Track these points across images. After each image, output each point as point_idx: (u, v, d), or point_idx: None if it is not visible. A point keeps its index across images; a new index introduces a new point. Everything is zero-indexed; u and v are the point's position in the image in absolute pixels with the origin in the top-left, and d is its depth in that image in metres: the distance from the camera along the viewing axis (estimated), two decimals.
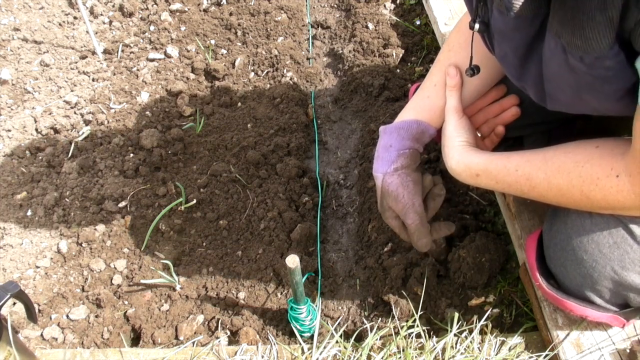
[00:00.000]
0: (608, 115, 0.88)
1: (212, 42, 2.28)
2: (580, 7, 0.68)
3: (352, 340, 1.25)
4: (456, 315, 1.23)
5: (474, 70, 1.09)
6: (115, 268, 1.50)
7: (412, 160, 1.17)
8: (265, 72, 2.15)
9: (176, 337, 1.33)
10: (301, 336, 1.27)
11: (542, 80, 0.88)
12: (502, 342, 1.19)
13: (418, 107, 1.18)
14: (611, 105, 0.81)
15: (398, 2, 2.38)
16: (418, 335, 1.21)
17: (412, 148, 1.17)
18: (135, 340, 1.37)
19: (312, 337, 1.25)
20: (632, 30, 0.66)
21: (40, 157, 1.84)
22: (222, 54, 2.23)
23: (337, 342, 1.22)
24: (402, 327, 1.23)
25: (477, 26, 0.89)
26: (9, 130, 1.93)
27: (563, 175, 0.92)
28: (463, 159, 1.08)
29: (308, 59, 2.24)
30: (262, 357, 1.24)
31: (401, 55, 2.11)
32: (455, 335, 1.19)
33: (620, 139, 0.90)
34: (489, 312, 1.25)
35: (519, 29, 0.82)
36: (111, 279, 1.48)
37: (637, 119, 0.77)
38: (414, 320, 1.22)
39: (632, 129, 0.78)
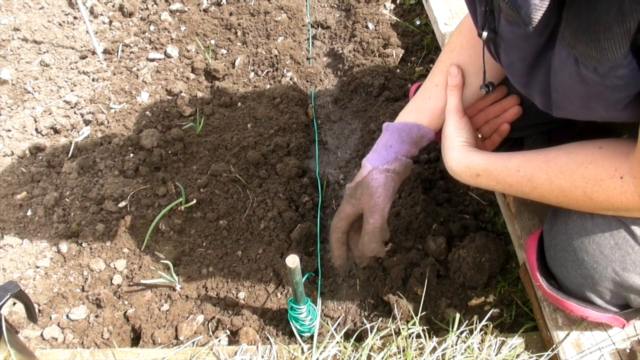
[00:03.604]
0: None
1: (212, 42, 2.28)
2: (597, 19, 0.67)
3: (352, 340, 1.25)
4: (457, 315, 1.23)
5: (489, 87, 1.09)
6: (115, 268, 1.50)
7: (404, 170, 1.17)
8: (265, 72, 2.15)
9: (176, 337, 1.33)
10: (301, 336, 1.27)
11: (549, 89, 0.88)
12: (502, 342, 1.19)
13: (419, 109, 1.18)
14: (618, 113, 0.80)
15: (398, 2, 2.38)
16: (418, 336, 1.21)
17: (409, 155, 1.17)
18: (135, 340, 1.37)
19: (312, 337, 1.25)
20: None
21: (40, 157, 1.84)
22: (222, 54, 2.23)
23: (337, 342, 1.22)
24: (402, 328, 1.23)
25: (485, 34, 0.89)
26: (9, 130, 1.93)
27: (566, 176, 0.91)
28: (463, 159, 1.08)
29: (308, 59, 2.24)
30: (262, 357, 1.24)
31: (401, 55, 2.11)
32: (455, 335, 1.19)
33: (623, 139, 0.90)
34: (489, 312, 1.25)
35: (528, 38, 0.81)
36: (111, 279, 1.48)
37: None
38: (414, 322, 1.22)
39: (639, 130, 0.78)
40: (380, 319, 1.33)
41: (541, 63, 0.85)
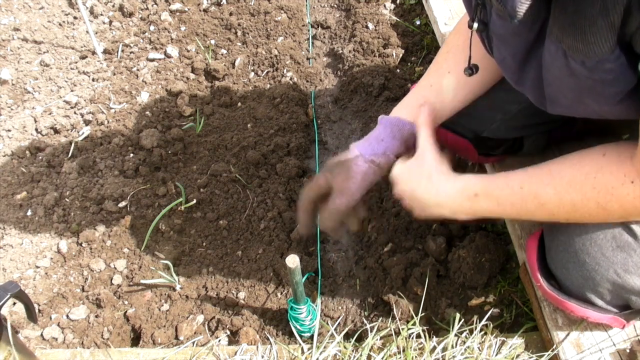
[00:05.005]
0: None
1: (212, 42, 2.28)
2: (582, 13, 0.67)
3: (352, 340, 1.25)
4: (457, 315, 1.23)
5: (472, 69, 1.09)
6: (115, 268, 1.50)
7: (387, 167, 1.16)
8: (265, 72, 2.15)
9: (176, 337, 1.33)
10: (301, 336, 1.27)
11: (541, 85, 0.88)
12: (502, 342, 1.19)
13: (414, 106, 1.18)
14: (611, 108, 0.80)
15: (398, 2, 2.38)
16: (418, 336, 1.21)
17: (396, 152, 1.15)
18: (135, 340, 1.37)
19: (312, 337, 1.25)
20: (633, 34, 0.66)
21: (40, 157, 1.84)
22: (222, 54, 2.23)
23: (337, 342, 1.22)
24: (402, 328, 1.23)
25: (475, 25, 0.89)
26: (9, 130, 1.93)
27: (575, 189, 0.87)
28: (457, 182, 1.03)
29: (308, 59, 2.24)
30: (262, 357, 1.24)
31: (401, 55, 2.11)
32: (455, 335, 1.19)
33: (623, 143, 0.88)
34: (489, 312, 1.25)
35: (518, 34, 0.81)
36: (111, 279, 1.48)
37: None
38: (414, 322, 1.22)
39: (639, 131, 0.78)
40: (380, 319, 1.33)
41: (532, 59, 0.85)
